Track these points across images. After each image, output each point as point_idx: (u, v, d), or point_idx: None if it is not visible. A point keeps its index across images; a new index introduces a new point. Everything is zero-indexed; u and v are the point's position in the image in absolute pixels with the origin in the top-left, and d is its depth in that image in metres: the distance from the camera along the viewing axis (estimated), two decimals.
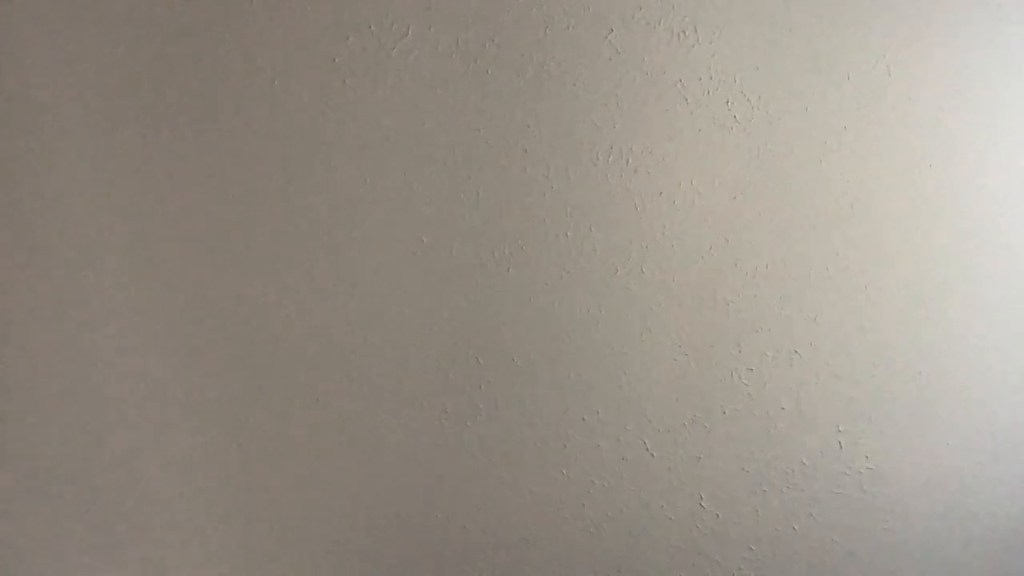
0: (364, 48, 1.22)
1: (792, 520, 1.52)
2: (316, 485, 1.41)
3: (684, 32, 1.27)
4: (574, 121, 1.29)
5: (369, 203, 1.28)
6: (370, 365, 1.35)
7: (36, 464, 1.32)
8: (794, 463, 1.49)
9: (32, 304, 1.25)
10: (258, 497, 1.40)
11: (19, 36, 1.15)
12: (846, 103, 1.33)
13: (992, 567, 1.60)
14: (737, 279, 1.39)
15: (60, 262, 1.24)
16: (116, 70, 1.18)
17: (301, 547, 1.44)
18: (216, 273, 1.28)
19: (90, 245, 1.24)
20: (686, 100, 1.30)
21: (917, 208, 1.39)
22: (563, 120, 1.29)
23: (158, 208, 1.24)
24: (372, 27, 1.21)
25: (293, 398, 1.35)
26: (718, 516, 1.51)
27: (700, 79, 1.29)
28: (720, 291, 1.39)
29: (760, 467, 1.48)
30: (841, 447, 1.49)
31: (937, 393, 1.48)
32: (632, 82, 1.28)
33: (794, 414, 1.46)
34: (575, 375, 1.40)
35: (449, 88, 1.25)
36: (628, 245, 1.35)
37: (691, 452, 1.47)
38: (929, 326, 1.45)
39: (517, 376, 1.39)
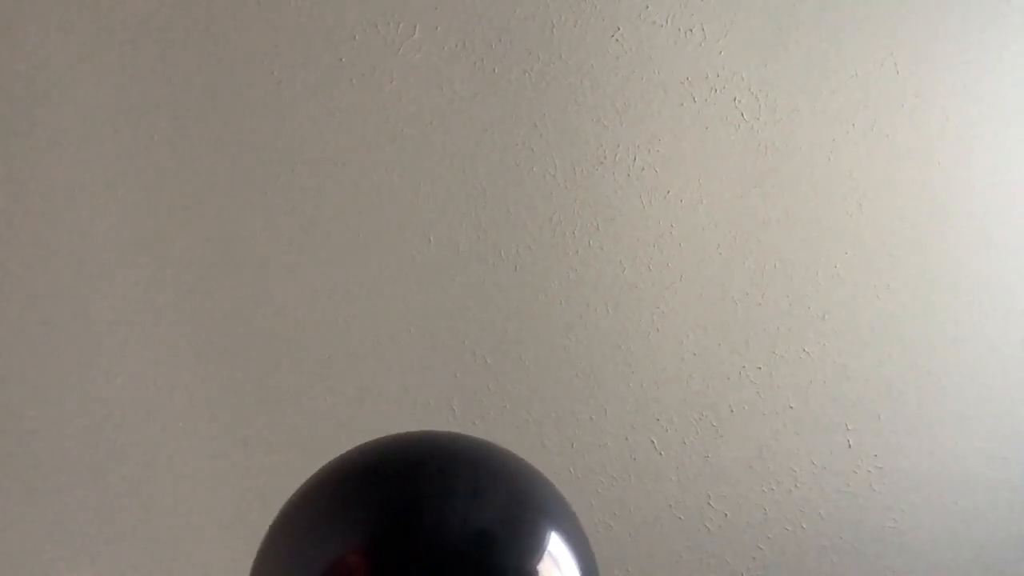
0: (370, 47, 1.22)
1: (801, 519, 1.52)
2: None
3: (691, 30, 1.27)
4: (581, 119, 1.29)
5: (375, 202, 1.28)
6: (377, 365, 1.35)
7: (39, 464, 1.32)
8: (803, 462, 1.48)
9: (35, 303, 1.25)
10: (265, 498, 1.40)
11: (22, 35, 1.16)
12: (854, 100, 1.32)
13: (1001, 566, 1.59)
14: (745, 277, 1.38)
15: (63, 261, 1.24)
16: (119, 70, 1.19)
17: None
18: (221, 272, 1.28)
19: (94, 245, 1.24)
20: (693, 98, 1.30)
21: (926, 206, 1.39)
22: (570, 118, 1.28)
23: (162, 208, 1.25)
24: (378, 27, 1.21)
25: (299, 398, 1.36)
26: (726, 515, 1.51)
27: (707, 77, 1.29)
28: (728, 289, 1.39)
29: (769, 466, 1.48)
30: (850, 446, 1.48)
31: (946, 392, 1.48)
32: (639, 80, 1.28)
33: (803, 413, 1.46)
34: (583, 374, 1.40)
35: (456, 87, 1.25)
36: (635, 243, 1.35)
37: (699, 451, 1.46)
38: (938, 325, 1.44)
39: (524, 375, 1.39)
